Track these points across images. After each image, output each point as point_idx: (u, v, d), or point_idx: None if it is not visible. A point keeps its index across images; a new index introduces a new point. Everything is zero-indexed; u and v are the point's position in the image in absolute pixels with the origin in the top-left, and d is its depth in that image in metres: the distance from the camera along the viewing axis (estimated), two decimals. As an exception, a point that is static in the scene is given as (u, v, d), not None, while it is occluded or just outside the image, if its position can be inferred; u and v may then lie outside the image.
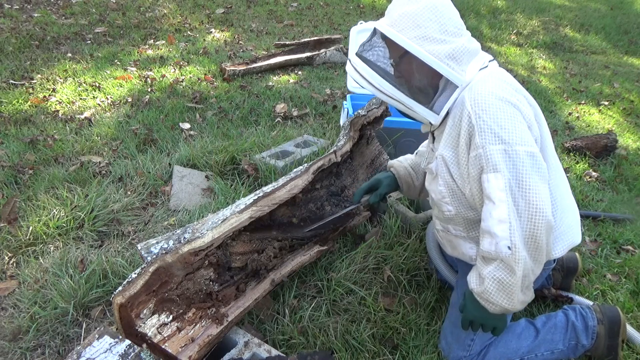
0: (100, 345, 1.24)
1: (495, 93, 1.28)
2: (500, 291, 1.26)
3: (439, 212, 1.53)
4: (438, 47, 1.30)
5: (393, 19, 1.35)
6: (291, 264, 1.75)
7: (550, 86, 4.88)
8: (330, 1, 7.49)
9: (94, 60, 4.45)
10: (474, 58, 1.37)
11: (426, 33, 1.30)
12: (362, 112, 2.26)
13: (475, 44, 1.39)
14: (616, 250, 2.25)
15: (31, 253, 2.00)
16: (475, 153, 1.27)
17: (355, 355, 1.58)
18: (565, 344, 1.53)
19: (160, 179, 2.55)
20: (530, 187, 1.21)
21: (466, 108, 1.30)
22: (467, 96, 1.31)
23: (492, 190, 1.23)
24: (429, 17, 1.31)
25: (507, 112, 1.26)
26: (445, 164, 1.40)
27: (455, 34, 1.34)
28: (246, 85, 4.09)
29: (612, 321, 1.56)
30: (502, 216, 1.21)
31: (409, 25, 1.31)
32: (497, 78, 1.35)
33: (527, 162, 1.22)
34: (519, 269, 1.22)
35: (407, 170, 1.81)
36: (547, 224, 1.21)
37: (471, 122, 1.28)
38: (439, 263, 1.82)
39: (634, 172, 3.12)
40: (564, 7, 8.33)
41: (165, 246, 1.50)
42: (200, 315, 1.46)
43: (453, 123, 1.36)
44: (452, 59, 1.32)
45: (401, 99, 1.36)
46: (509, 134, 1.23)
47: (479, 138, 1.26)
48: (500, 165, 1.22)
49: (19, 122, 3.20)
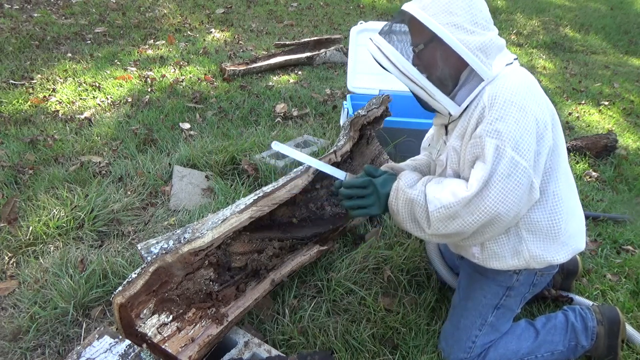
0: (100, 345, 1.24)
1: (515, 92, 1.26)
2: (408, 210, 1.35)
3: None
4: (469, 37, 1.28)
5: (425, 3, 1.31)
6: (291, 264, 1.75)
7: (550, 86, 4.88)
8: (330, 1, 7.49)
9: (94, 60, 4.45)
10: (500, 53, 1.35)
11: (459, 21, 1.27)
12: (362, 112, 2.26)
13: (502, 40, 1.37)
14: (616, 250, 2.25)
15: (31, 253, 2.00)
16: (474, 141, 1.28)
17: (355, 355, 1.58)
18: (565, 344, 1.53)
19: (160, 179, 2.55)
20: (490, 193, 1.21)
21: (483, 100, 1.28)
22: (488, 90, 1.29)
23: (472, 175, 1.25)
24: (462, 6, 1.28)
25: (517, 114, 1.24)
26: (455, 153, 1.39)
27: (485, 27, 1.31)
28: (246, 85, 4.09)
29: (612, 321, 1.56)
30: (460, 194, 1.25)
31: (442, 10, 1.28)
32: (521, 77, 1.33)
33: (506, 167, 1.21)
34: (430, 226, 1.31)
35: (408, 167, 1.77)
36: (494, 220, 1.24)
37: (483, 114, 1.27)
38: (438, 265, 1.82)
39: (634, 172, 3.12)
40: (564, 7, 8.33)
41: (165, 246, 1.50)
42: (200, 315, 1.46)
43: (467, 114, 1.35)
44: (482, 51, 1.29)
45: (424, 84, 1.33)
46: (510, 134, 1.22)
47: (482, 127, 1.26)
48: (489, 158, 1.22)
49: (19, 122, 3.20)
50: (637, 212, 2.63)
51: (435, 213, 1.28)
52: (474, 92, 1.32)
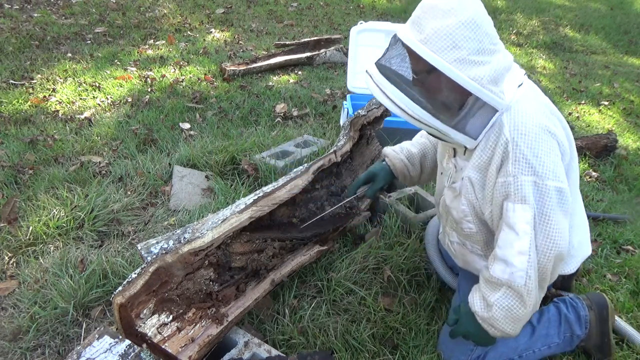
0: (100, 345, 1.24)
1: (536, 121, 1.23)
2: (508, 319, 1.27)
3: (458, 228, 1.50)
4: (479, 71, 1.19)
5: (427, 35, 1.20)
6: (291, 264, 1.75)
7: (550, 86, 4.88)
8: (330, 1, 7.49)
9: (94, 60, 4.45)
10: (508, 72, 1.28)
11: (465, 55, 1.18)
12: (362, 112, 2.26)
13: (509, 57, 1.30)
14: (616, 250, 2.25)
15: (31, 253, 2.00)
16: (505, 179, 1.25)
17: (355, 355, 1.58)
18: (560, 336, 1.54)
19: (160, 179, 2.55)
20: (552, 222, 1.22)
21: (504, 134, 1.24)
22: (507, 121, 1.25)
23: (517, 220, 1.23)
24: (468, 36, 1.18)
25: (545, 144, 1.22)
26: (471, 185, 1.36)
27: (492, 51, 1.23)
28: (246, 85, 4.09)
29: (600, 306, 1.58)
30: (523, 248, 1.22)
31: (446, 45, 1.18)
32: (535, 100, 1.30)
33: (555, 198, 1.22)
34: (530, 299, 1.24)
35: (402, 163, 1.78)
36: (559, 257, 1.24)
37: (507, 149, 1.24)
38: (439, 265, 1.83)
39: (634, 172, 3.12)
40: (564, 7, 8.33)
41: (165, 246, 1.50)
42: (200, 315, 1.46)
43: (486, 146, 1.30)
44: (492, 83, 1.22)
45: (437, 126, 1.26)
46: (543, 167, 1.21)
47: (512, 166, 1.23)
48: (530, 197, 1.21)
49: (19, 122, 3.20)
50: (637, 212, 2.63)
51: (521, 288, 1.24)
52: (490, 123, 1.27)
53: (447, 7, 1.19)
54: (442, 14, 1.19)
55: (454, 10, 1.18)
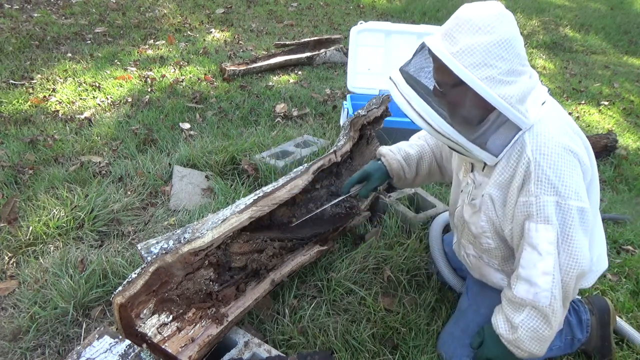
0: (100, 345, 1.24)
1: (559, 141, 1.23)
2: (534, 340, 1.27)
3: (476, 242, 1.49)
4: (508, 90, 1.19)
5: (460, 49, 1.18)
6: (291, 264, 1.75)
7: (550, 86, 4.88)
8: (330, 1, 7.49)
9: (94, 60, 4.45)
10: (533, 90, 1.28)
11: (496, 74, 1.17)
12: (362, 112, 2.26)
13: (535, 77, 1.31)
14: (616, 250, 2.25)
15: (31, 253, 2.00)
16: (527, 199, 1.24)
17: (355, 355, 1.58)
18: (562, 339, 1.54)
19: (160, 179, 2.55)
20: (574, 242, 1.22)
21: (526, 153, 1.24)
22: (529, 140, 1.24)
23: (540, 241, 1.23)
24: (501, 55, 1.17)
25: (567, 164, 1.22)
26: (492, 202, 1.35)
27: (521, 72, 1.23)
28: (246, 85, 4.09)
29: (602, 310, 1.58)
30: (547, 269, 1.22)
31: (479, 62, 1.16)
32: (558, 118, 1.29)
33: (577, 218, 1.22)
34: (556, 319, 1.25)
35: (399, 163, 1.75)
36: (581, 275, 1.24)
37: (529, 169, 1.23)
38: (443, 267, 1.82)
39: (634, 172, 3.12)
40: (564, 7, 8.33)
41: (165, 246, 1.50)
42: (200, 315, 1.46)
43: (507, 164, 1.29)
44: (519, 102, 1.21)
45: (461, 142, 1.24)
46: (566, 187, 1.21)
47: (535, 186, 1.23)
48: (552, 218, 1.21)
49: (19, 122, 3.20)
50: (637, 212, 2.63)
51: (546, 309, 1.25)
52: (512, 141, 1.26)
53: (484, 24, 1.17)
54: (478, 30, 1.17)
55: (492, 28, 1.17)
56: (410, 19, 6.81)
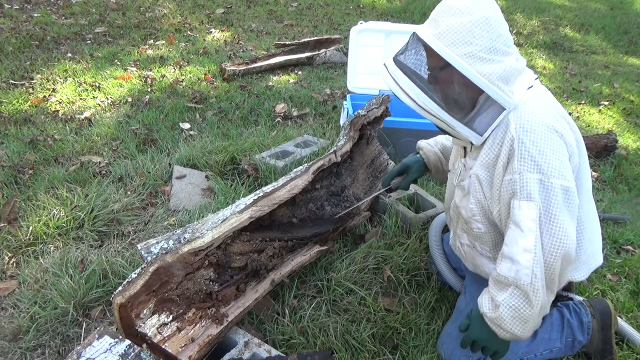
0: (100, 345, 1.24)
1: (542, 120, 1.24)
2: (515, 319, 1.26)
3: (467, 228, 1.50)
4: (489, 68, 1.24)
5: (441, 30, 1.25)
6: (291, 264, 1.75)
7: (550, 86, 4.88)
8: (330, 1, 7.49)
9: (94, 60, 4.45)
10: (520, 75, 1.32)
11: (476, 51, 1.23)
12: (362, 112, 2.26)
13: (522, 62, 1.34)
14: (616, 250, 2.26)
15: (31, 253, 2.00)
16: (511, 177, 1.25)
17: (355, 355, 1.58)
18: (562, 341, 1.54)
19: (160, 179, 2.55)
20: (558, 221, 1.21)
21: (510, 131, 1.26)
22: (513, 119, 1.27)
23: (522, 218, 1.23)
24: (481, 34, 1.23)
25: (551, 142, 1.23)
26: (479, 183, 1.37)
27: (505, 52, 1.27)
28: (246, 85, 4.09)
29: (604, 313, 1.57)
30: (528, 246, 1.21)
31: (459, 40, 1.23)
32: (544, 101, 1.31)
33: (560, 196, 1.21)
34: (537, 299, 1.23)
35: (436, 156, 1.79)
36: (566, 257, 1.22)
37: (513, 147, 1.25)
38: (442, 266, 1.82)
39: (634, 172, 3.12)
40: (564, 7, 8.33)
41: (165, 246, 1.50)
42: (200, 315, 1.46)
43: (493, 144, 1.32)
44: (502, 80, 1.25)
45: (445, 118, 1.30)
46: (549, 164, 1.21)
47: (518, 163, 1.23)
48: (535, 195, 1.21)
49: (19, 122, 3.20)
50: (637, 212, 2.63)
51: (527, 287, 1.23)
52: (496, 121, 1.29)
53: (463, 6, 1.25)
54: (458, 12, 1.24)
55: (469, 9, 1.24)
56: (410, 19, 6.81)
